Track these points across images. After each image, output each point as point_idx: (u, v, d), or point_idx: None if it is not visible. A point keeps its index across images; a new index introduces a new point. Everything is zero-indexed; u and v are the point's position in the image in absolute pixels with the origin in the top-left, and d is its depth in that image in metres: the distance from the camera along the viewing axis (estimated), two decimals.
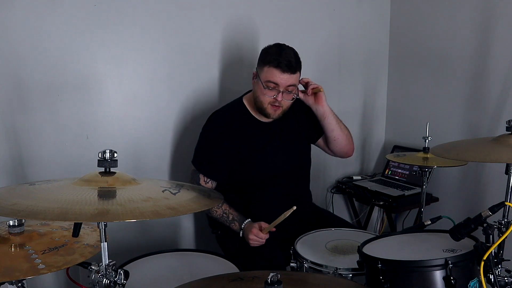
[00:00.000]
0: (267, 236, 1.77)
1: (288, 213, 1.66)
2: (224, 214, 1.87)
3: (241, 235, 1.83)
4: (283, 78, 1.75)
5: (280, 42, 1.84)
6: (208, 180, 1.91)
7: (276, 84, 1.76)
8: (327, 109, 1.92)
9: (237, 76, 2.35)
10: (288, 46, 1.82)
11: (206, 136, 1.93)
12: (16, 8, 1.82)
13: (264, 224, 1.78)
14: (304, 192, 2.09)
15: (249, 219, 1.83)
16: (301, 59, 1.82)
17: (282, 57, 1.75)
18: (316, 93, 1.91)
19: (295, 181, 2.02)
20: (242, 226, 1.82)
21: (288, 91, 1.79)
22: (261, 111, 1.85)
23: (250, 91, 1.97)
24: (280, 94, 1.78)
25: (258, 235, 1.75)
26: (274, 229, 1.76)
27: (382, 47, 2.88)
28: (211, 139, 1.91)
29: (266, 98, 1.79)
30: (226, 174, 1.91)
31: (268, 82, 1.76)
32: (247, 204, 1.93)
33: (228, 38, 2.28)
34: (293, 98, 1.83)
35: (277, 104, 1.80)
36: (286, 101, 1.81)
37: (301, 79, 1.90)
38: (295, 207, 1.64)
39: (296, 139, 2.01)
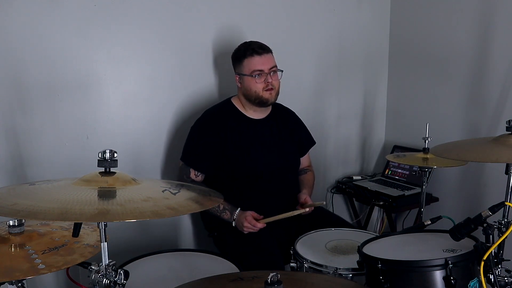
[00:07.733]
0: (263, 225, 1.83)
1: (288, 215, 1.77)
2: None
3: (233, 224, 1.87)
4: (264, 61, 1.92)
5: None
6: (199, 173, 1.99)
7: (261, 70, 1.92)
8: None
9: None
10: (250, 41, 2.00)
11: (194, 131, 2.03)
12: (15, 8, 1.82)
13: (255, 214, 1.85)
14: (296, 192, 2.09)
15: (239, 208, 1.89)
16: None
17: (252, 45, 1.95)
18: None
19: (285, 180, 2.06)
20: (234, 215, 1.87)
21: (273, 71, 1.96)
22: (259, 101, 1.96)
23: (234, 95, 2.09)
24: (269, 76, 1.93)
25: (251, 223, 1.82)
26: (265, 225, 1.84)
27: (382, 47, 2.88)
28: (198, 133, 2.01)
29: (259, 85, 1.93)
30: (212, 166, 1.98)
31: (254, 71, 1.92)
32: (239, 199, 1.95)
33: (227, 39, 2.28)
34: (279, 77, 2.00)
35: (270, 86, 1.94)
36: (276, 81, 1.97)
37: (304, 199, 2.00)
38: (297, 212, 1.83)
39: (286, 141, 2.09)
